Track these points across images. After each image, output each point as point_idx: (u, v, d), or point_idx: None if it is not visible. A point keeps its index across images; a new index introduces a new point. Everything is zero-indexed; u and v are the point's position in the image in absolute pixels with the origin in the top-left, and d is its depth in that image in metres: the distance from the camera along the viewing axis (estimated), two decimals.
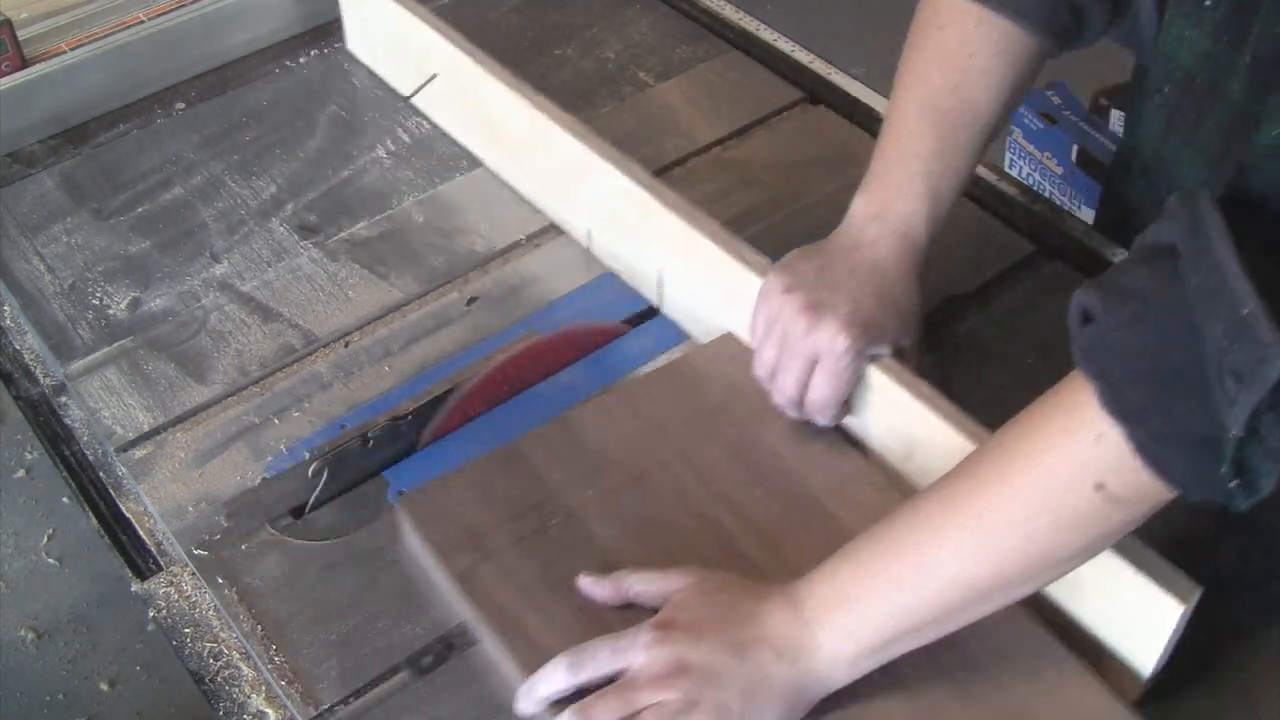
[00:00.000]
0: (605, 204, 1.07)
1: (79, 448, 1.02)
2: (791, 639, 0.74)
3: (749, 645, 0.74)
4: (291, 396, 1.02)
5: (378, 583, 0.89)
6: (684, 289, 1.03)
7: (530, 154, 1.14)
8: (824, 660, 0.74)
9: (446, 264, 1.13)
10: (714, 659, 0.74)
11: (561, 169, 1.10)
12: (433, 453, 0.98)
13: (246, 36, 1.37)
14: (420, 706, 0.82)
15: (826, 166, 1.21)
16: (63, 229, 1.18)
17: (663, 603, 0.78)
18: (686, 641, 0.74)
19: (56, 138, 1.29)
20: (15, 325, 1.13)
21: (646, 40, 1.38)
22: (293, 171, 1.23)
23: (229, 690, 0.85)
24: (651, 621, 0.76)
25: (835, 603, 0.74)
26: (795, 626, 0.75)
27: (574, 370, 1.04)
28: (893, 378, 0.87)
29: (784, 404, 0.90)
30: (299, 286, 1.12)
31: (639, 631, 0.76)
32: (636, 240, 1.06)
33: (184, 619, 0.90)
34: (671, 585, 0.78)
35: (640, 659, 0.75)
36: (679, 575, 0.79)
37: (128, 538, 0.96)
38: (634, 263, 1.08)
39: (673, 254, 1.02)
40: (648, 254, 1.05)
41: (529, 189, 1.18)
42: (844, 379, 0.87)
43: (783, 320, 0.87)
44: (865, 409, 0.90)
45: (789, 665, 0.74)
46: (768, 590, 0.77)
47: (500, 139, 1.18)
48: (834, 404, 0.88)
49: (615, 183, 1.04)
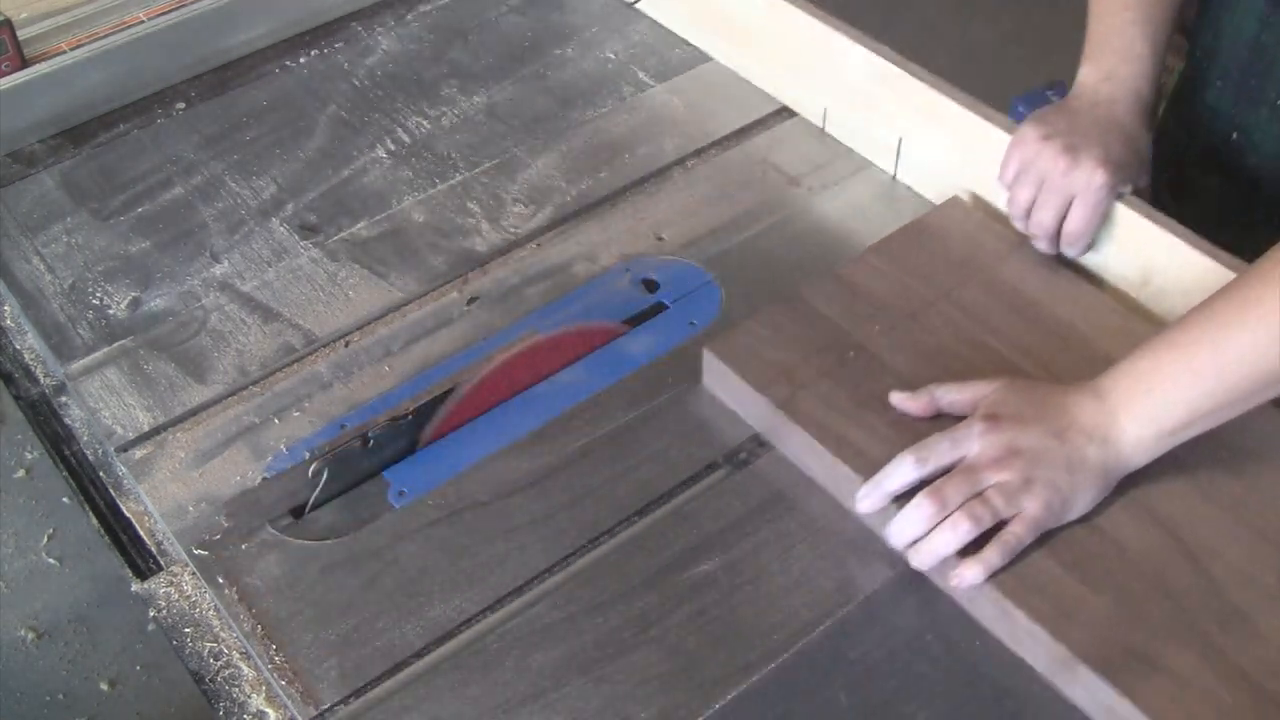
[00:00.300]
0: (844, 80, 1.19)
1: (79, 448, 1.02)
2: (1100, 425, 0.85)
3: (1065, 431, 0.85)
4: (291, 396, 1.02)
5: (378, 583, 0.89)
6: (922, 152, 1.16)
7: (766, 41, 1.26)
8: (1128, 443, 0.85)
9: (446, 264, 1.13)
10: (1040, 443, 0.85)
11: (799, 52, 1.22)
12: (433, 453, 0.98)
13: (246, 36, 1.37)
14: (420, 706, 0.82)
15: (827, 166, 1.21)
16: (63, 229, 1.18)
17: (972, 409, 0.89)
18: (1014, 429, 0.85)
19: (56, 138, 1.29)
20: (15, 325, 1.13)
21: (647, 40, 1.38)
22: (293, 171, 1.23)
23: (229, 690, 0.85)
24: (978, 415, 0.87)
25: (1137, 393, 0.85)
26: (1101, 414, 0.85)
27: (574, 370, 1.04)
28: (1137, 210, 1.01)
29: (1041, 236, 1.03)
30: (299, 286, 1.12)
31: (971, 424, 0.86)
32: (875, 111, 1.18)
33: (184, 619, 0.90)
34: (980, 391, 0.89)
35: (976, 447, 0.85)
36: (984, 383, 0.90)
37: (128, 538, 0.96)
38: (871, 133, 1.20)
39: (913, 120, 1.14)
40: (887, 123, 1.17)
41: (763, 76, 1.29)
42: (1099, 211, 1.00)
43: (1041, 162, 1.01)
44: (1107, 242, 1.04)
45: (1099, 447, 0.85)
46: (1070, 386, 0.88)
47: (733, 32, 1.30)
48: (1088, 234, 1.01)
49: (857, 58, 1.16)
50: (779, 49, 1.25)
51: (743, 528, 0.91)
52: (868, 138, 1.21)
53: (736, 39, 1.30)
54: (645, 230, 1.16)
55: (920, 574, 0.87)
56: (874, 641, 0.85)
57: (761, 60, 1.29)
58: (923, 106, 1.13)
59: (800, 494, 0.93)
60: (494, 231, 1.16)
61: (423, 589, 0.89)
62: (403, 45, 1.39)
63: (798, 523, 0.92)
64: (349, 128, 1.28)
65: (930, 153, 1.15)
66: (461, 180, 1.22)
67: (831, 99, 1.22)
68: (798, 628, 0.85)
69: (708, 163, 1.23)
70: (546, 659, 0.84)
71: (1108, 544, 0.85)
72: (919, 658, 0.84)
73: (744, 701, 0.82)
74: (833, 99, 1.22)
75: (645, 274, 1.11)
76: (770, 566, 0.89)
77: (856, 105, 1.20)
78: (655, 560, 0.90)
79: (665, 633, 0.85)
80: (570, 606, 0.87)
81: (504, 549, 0.91)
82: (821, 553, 0.90)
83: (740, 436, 0.97)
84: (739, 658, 0.84)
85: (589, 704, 0.82)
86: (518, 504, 0.94)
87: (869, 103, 1.18)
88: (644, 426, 0.99)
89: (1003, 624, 0.84)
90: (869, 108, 1.19)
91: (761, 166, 1.22)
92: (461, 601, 0.88)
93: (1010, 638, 0.84)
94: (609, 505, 0.93)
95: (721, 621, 0.86)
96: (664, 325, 1.07)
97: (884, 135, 1.19)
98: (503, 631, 0.86)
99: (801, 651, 0.84)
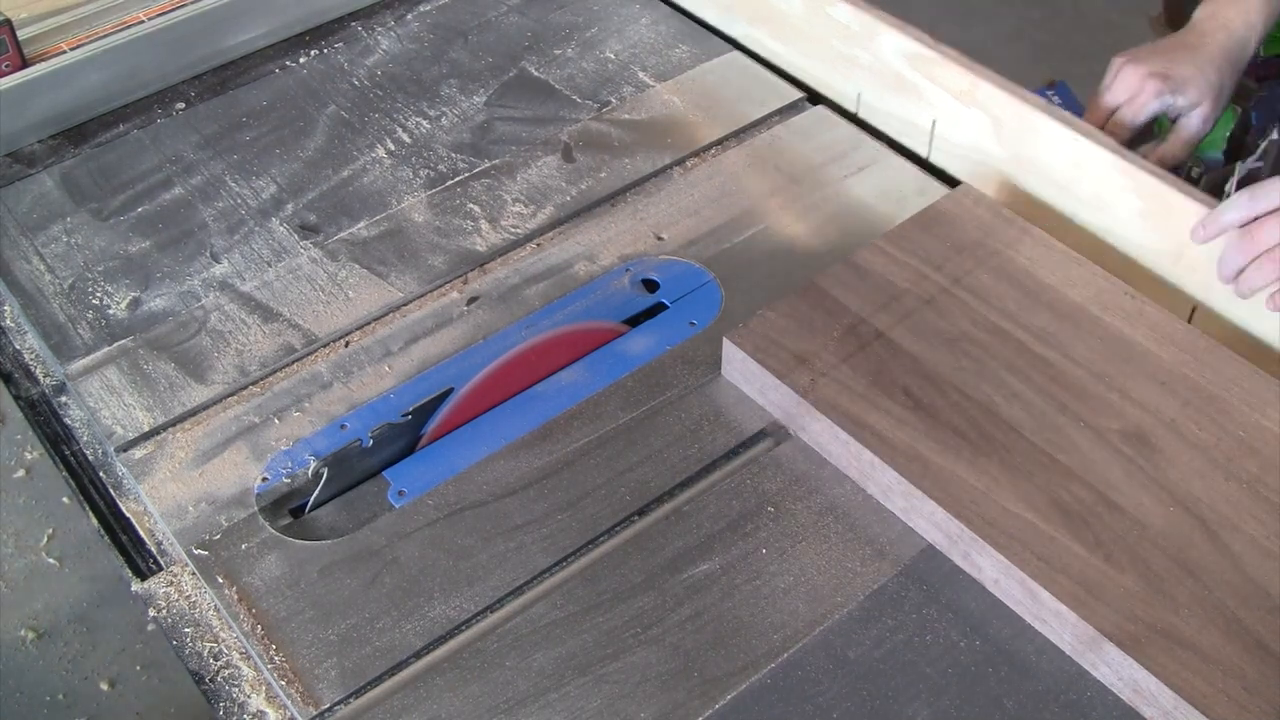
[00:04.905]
0: (878, 64, 1.21)
1: (79, 448, 1.02)
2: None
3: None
4: (291, 396, 1.02)
5: (377, 583, 0.89)
6: (955, 132, 1.19)
7: (799, 28, 1.29)
8: None
9: (446, 264, 1.13)
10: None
11: (832, 37, 1.25)
12: (433, 453, 0.98)
13: (246, 36, 1.37)
14: (420, 706, 0.82)
15: (827, 166, 1.21)
16: (63, 229, 1.18)
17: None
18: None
19: (56, 138, 1.29)
20: (15, 325, 1.13)
21: (646, 40, 1.38)
22: (293, 171, 1.23)
23: (229, 690, 0.85)
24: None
25: None
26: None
27: (574, 370, 1.04)
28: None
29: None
30: (299, 286, 1.12)
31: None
32: (911, 94, 1.20)
33: (184, 619, 0.90)
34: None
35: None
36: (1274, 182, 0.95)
37: (128, 538, 0.96)
38: (906, 116, 1.22)
39: (950, 103, 1.17)
40: (922, 105, 1.19)
41: (796, 62, 1.32)
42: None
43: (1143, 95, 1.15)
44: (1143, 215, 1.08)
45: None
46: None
47: (766, 19, 1.32)
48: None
49: (895, 43, 1.18)
50: (812, 35, 1.27)
51: (743, 527, 0.91)
52: (901, 120, 1.23)
53: (769, 26, 1.32)
54: (645, 230, 1.16)
55: (920, 574, 0.88)
56: (874, 641, 0.85)
57: (794, 47, 1.31)
58: (958, 88, 1.15)
59: (821, 480, 0.94)
60: (494, 231, 1.16)
61: (423, 589, 0.89)
62: (403, 45, 1.39)
63: (799, 521, 0.92)
64: (349, 128, 1.28)
65: (964, 134, 1.18)
66: (461, 180, 1.22)
67: (865, 83, 1.25)
68: (798, 628, 0.85)
69: (708, 163, 1.23)
70: (546, 659, 0.84)
71: (1130, 523, 0.86)
72: (919, 658, 0.84)
73: (744, 701, 0.82)
74: (866, 83, 1.24)
75: (645, 274, 1.11)
76: (770, 566, 0.89)
77: (889, 89, 1.22)
78: (655, 560, 0.90)
79: (665, 633, 0.85)
80: (570, 606, 0.87)
81: (504, 549, 0.91)
82: (823, 551, 0.90)
83: (748, 432, 0.98)
84: (739, 658, 0.84)
85: (589, 704, 0.82)
86: (518, 504, 0.94)
87: (902, 86, 1.20)
88: (644, 426, 0.99)
89: (1028, 605, 0.84)
90: (902, 91, 1.21)
91: (762, 166, 1.22)
92: (461, 601, 0.88)
93: (1035, 619, 0.85)
94: (609, 505, 0.93)
95: (721, 621, 0.86)
96: (664, 325, 1.07)
97: (918, 118, 1.21)
98: (503, 631, 0.86)
99: (801, 651, 0.84)
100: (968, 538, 0.86)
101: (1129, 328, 0.99)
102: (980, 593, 0.87)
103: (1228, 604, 0.81)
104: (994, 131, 1.15)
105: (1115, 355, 0.97)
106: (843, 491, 0.93)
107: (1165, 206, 1.03)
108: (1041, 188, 1.13)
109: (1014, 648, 0.84)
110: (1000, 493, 0.88)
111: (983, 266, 1.04)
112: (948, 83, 1.16)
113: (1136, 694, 0.80)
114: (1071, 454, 0.90)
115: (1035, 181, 1.13)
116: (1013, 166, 1.15)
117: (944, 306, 1.01)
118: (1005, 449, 0.91)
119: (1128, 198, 1.06)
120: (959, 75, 1.15)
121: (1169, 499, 0.87)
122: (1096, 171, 1.07)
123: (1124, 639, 0.80)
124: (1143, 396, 0.94)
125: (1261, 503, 0.87)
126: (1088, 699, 0.81)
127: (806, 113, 1.28)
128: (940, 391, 0.94)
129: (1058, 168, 1.11)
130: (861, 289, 1.03)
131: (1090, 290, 1.02)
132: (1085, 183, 1.09)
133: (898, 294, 1.02)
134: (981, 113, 1.15)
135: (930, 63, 1.17)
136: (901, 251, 1.06)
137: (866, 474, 0.92)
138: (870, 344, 0.98)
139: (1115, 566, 0.83)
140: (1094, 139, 1.07)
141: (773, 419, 0.98)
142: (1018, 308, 1.01)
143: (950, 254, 1.06)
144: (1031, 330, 0.99)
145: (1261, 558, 0.84)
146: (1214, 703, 0.77)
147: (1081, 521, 0.86)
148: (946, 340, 0.99)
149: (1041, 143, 1.11)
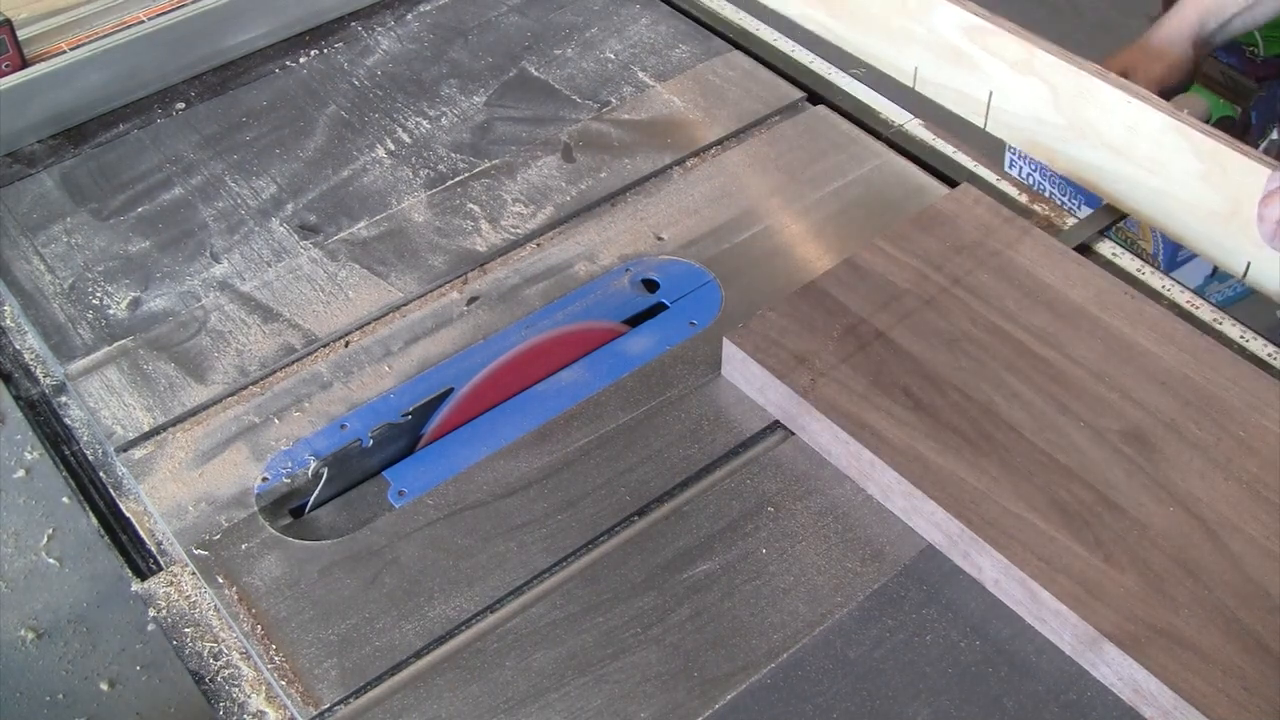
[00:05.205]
0: (938, 38, 1.22)
1: (79, 448, 1.02)
2: None
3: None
4: (291, 396, 1.02)
5: (378, 583, 0.89)
6: (1012, 104, 1.19)
7: (859, 5, 1.30)
8: None
9: (446, 264, 1.13)
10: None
11: (890, 14, 1.26)
12: (433, 453, 0.98)
13: (246, 36, 1.37)
14: (420, 706, 0.82)
15: (827, 166, 1.21)
16: (63, 229, 1.18)
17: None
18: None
19: (56, 138, 1.29)
20: (15, 325, 1.13)
21: (646, 40, 1.38)
22: (293, 171, 1.23)
23: (229, 690, 0.85)
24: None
25: None
26: None
27: (574, 370, 1.04)
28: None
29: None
30: (299, 286, 1.12)
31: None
32: (967, 66, 1.21)
33: (184, 619, 0.90)
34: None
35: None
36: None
37: (128, 538, 0.96)
38: (963, 88, 1.23)
39: (1007, 74, 1.17)
40: (979, 77, 1.20)
41: (853, 39, 1.33)
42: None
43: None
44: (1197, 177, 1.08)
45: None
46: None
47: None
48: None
49: (954, 17, 1.19)
50: (870, 11, 1.29)
51: (743, 527, 0.91)
52: (957, 93, 1.24)
53: (826, 6, 1.34)
54: (645, 230, 1.16)
55: (920, 574, 0.88)
56: (874, 641, 0.85)
57: (852, 25, 1.32)
58: (1015, 60, 1.16)
59: (821, 480, 0.94)
60: (494, 231, 1.16)
61: (423, 589, 0.89)
62: (403, 45, 1.39)
63: (799, 521, 0.92)
64: (349, 128, 1.28)
65: (1021, 104, 1.18)
66: (461, 180, 1.22)
67: (922, 58, 1.26)
68: (798, 628, 0.85)
69: (708, 162, 1.23)
70: (546, 659, 0.84)
71: (1130, 523, 0.86)
72: (919, 658, 0.84)
73: (744, 701, 0.82)
74: (923, 58, 1.26)
75: (645, 274, 1.11)
76: (770, 566, 0.89)
77: (946, 61, 1.23)
78: (655, 560, 0.90)
79: (665, 632, 0.85)
80: (570, 606, 0.87)
81: (504, 549, 0.91)
82: (822, 551, 0.90)
83: (747, 432, 0.98)
84: (739, 658, 0.84)
85: (589, 704, 0.82)
86: (518, 504, 0.94)
87: (959, 58, 1.21)
88: (644, 426, 0.99)
89: (1028, 605, 0.84)
90: (959, 63, 1.22)
91: (762, 166, 1.22)
92: (461, 601, 0.88)
93: (1035, 619, 0.85)
94: (609, 505, 0.93)
95: (721, 621, 0.86)
96: (664, 325, 1.07)
97: (976, 90, 1.22)
98: (503, 631, 0.86)
99: (801, 651, 0.84)
100: (968, 538, 0.86)
101: (1129, 328, 0.99)
102: (980, 593, 0.87)
103: (1228, 604, 0.81)
104: (1052, 99, 1.15)
105: (1115, 355, 0.97)
106: (842, 491, 0.93)
107: (1221, 166, 1.04)
108: (1095, 153, 1.14)
109: (1014, 648, 0.84)
110: (1000, 493, 0.88)
111: (983, 266, 1.05)
112: (1004, 53, 1.17)
113: (1136, 694, 0.80)
114: (1071, 454, 0.90)
115: (1090, 148, 1.14)
116: (1070, 134, 1.15)
117: (944, 306, 1.01)
118: (1005, 449, 0.91)
119: (1184, 158, 1.06)
120: (1016, 45, 1.16)
121: (1169, 499, 0.88)
122: (1150, 133, 1.08)
123: (1124, 639, 0.80)
124: (1143, 396, 0.94)
125: (1261, 503, 0.87)
126: (1088, 699, 0.81)
127: (807, 112, 1.28)
128: (940, 391, 0.94)
129: (1115, 132, 1.11)
130: (861, 289, 1.03)
131: (1090, 290, 1.02)
132: (1142, 145, 1.09)
133: (898, 294, 1.02)
134: (1039, 81, 1.15)
135: (986, 34, 1.17)
136: (901, 251, 1.06)
137: (866, 474, 0.92)
138: (870, 344, 0.98)
139: (1115, 566, 0.83)
140: (1149, 102, 1.08)
141: (773, 419, 0.98)
142: (1018, 308, 1.01)
143: (950, 254, 1.06)
144: (1031, 330, 0.99)
145: (1261, 558, 0.84)
146: (1214, 703, 0.77)
147: (1081, 521, 0.86)
148: (946, 340, 0.99)
149: (1096, 109, 1.12)
